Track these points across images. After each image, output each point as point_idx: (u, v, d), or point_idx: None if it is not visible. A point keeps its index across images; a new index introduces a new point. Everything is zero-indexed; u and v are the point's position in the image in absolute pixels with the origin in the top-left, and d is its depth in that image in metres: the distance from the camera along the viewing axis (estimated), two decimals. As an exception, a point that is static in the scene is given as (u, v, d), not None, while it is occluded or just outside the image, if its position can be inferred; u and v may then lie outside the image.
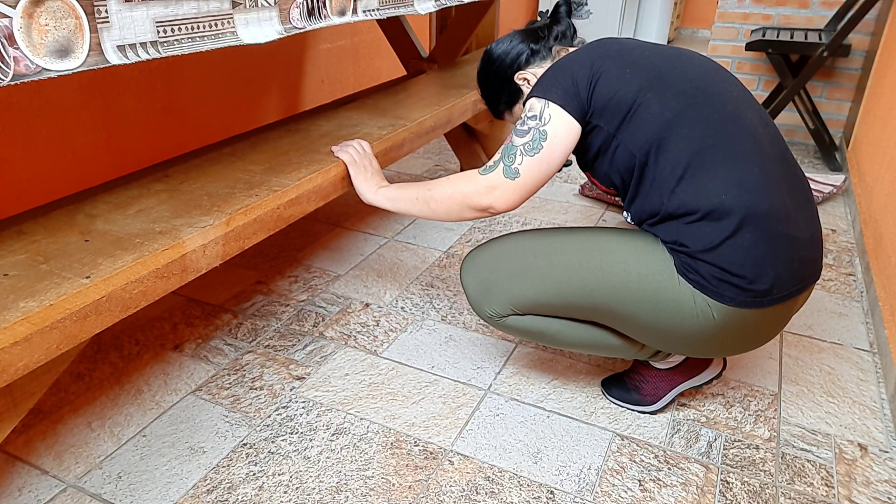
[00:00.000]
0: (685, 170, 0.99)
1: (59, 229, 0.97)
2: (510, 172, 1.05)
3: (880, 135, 2.07)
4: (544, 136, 1.04)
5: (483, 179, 1.07)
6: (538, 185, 1.07)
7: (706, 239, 0.97)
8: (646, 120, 1.01)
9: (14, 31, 0.68)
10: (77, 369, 1.38)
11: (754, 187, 0.97)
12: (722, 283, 0.98)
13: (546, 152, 1.04)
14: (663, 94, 1.01)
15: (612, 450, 1.19)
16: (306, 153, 1.30)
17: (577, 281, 1.07)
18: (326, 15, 1.11)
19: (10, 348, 0.73)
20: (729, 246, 0.96)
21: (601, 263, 1.06)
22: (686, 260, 1.00)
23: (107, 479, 1.11)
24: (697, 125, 0.99)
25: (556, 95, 1.04)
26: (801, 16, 2.87)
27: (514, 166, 1.05)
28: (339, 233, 2.02)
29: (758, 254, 0.97)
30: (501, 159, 1.06)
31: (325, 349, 1.45)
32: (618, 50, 1.06)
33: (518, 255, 1.13)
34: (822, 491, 1.11)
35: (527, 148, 1.04)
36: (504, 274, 1.13)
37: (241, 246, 1.04)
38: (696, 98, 1.00)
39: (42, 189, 1.52)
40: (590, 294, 1.07)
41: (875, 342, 1.52)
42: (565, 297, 1.09)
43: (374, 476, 1.12)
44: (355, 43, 2.56)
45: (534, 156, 1.04)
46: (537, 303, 1.11)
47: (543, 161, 1.04)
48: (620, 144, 1.04)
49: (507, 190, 1.06)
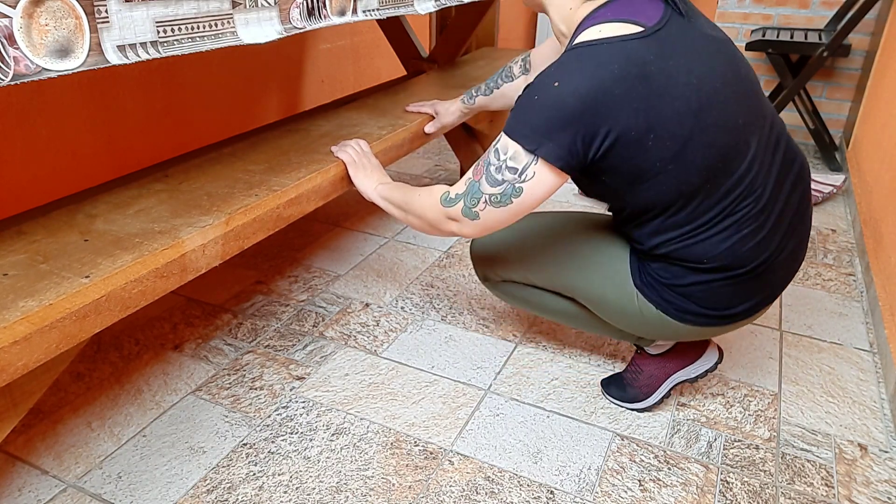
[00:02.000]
0: (681, 234, 0.97)
1: (59, 229, 0.97)
2: (469, 213, 0.99)
3: (880, 135, 2.07)
4: (518, 192, 0.93)
5: (444, 210, 1.02)
6: (500, 227, 1.01)
7: (676, 276, 1.01)
8: (658, 190, 0.92)
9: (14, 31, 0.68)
10: (77, 369, 1.38)
11: (747, 253, 0.97)
12: (686, 314, 1.04)
13: (514, 206, 0.95)
14: (684, 169, 0.90)
15: (612, 450, 1.19)
16: (306, 153, 1.30)
17: (560, 280, 1.17)
18: (326, 15, 1.11)
19: (10, 348, 0.73)
20: (701, 286, 1.00)
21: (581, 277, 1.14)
22: (648, 279, 1.05)
23: (107, 479, 1.11)
24: (712, 197, 0.94)
25: (549, 150, 0.88)
26: (801, 16, 2.87)
27: (474, 209, 0.98)
28: (339, 233, 2.02)
29: (728, 293, 1.00)
30: (463, 196, 0.98)
31: (325, 349, 1.45)
32: (646, 97, 0.85)
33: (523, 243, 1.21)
34: (822, 491, 1.11)
35: (493, 199, 0.95)
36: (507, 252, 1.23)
37: (240, 246, 1.04)
38: (716, 171, 0.91)
39: (42, 189, 1.52)
40: (571, 291, 1.18)
41: (875, 342, 1.52)
42: (555, 286, 1.20)
43: (374, 476, 1.12)
44: (355, 43, 2.56)
45: (498, 208, 0.96)
46: (528, 282, 1.24)
47: (509, 212, 0.97)
48: (621, 198, 0.98)
49: (467, 225, 1.01)
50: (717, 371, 1.40)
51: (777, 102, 2.68)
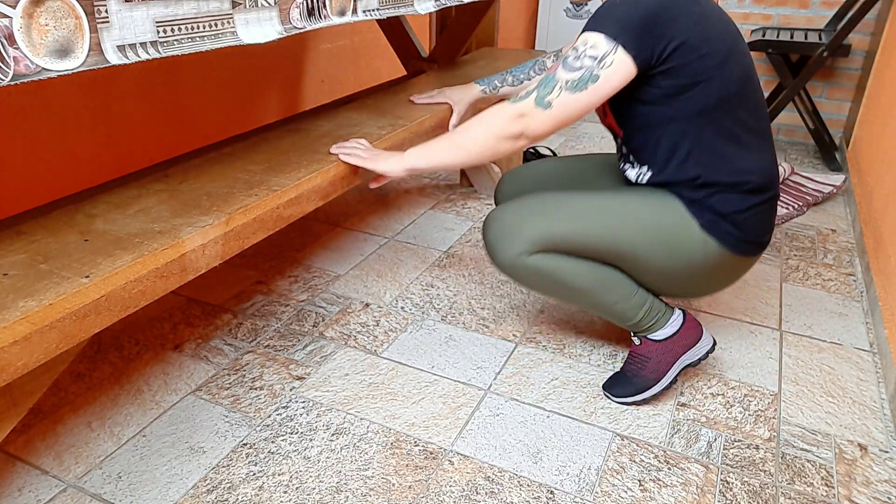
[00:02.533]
0: (725, 146, 1.10)
1: (59, 229, 0.97)
2: (542, 103, 1.05)
3: (880, 135, 2.07)
4: (595, 79, 1.02)
5: (512, 108, 1.07)
6: (570, 121, 1.07)
7: (733, 205, 1.12)
8: (712, 92, 1.06)
9: (14, 31, 0.68)
10: (77, 369, 1.38)
11: (771, 167, 1.14)
12: (738, 239, 1.14)
13: (589, 93, 1.03)
14: (726, 78, 1.06)
15: (612, 450, 1.19)
16: (306, 153, 1.29)
17: (599, 225, 1.16)
18: (326, 15, 1.11)
19: (10, 348, 0.73)
20: (750, 212, 1.13)
21: (623, 209, 1.16)
22: (710, 216, 1.13)
23: (107, 479, 1.11)
24: (744, 109, 1.10)
25: (629, 39, 1.00)
26: (801, 16, 2.87)
27: (547, 98, 1.04)
28: (339, 233, 2.02)
29: (764, 219, 1.16)
30: (536, 88, 1.06)
31: (325, 349, 1.45)
32: (699, 16, 1.04)
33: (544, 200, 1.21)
34: (822, 491, 1.11)
35: (569, 84, 1.03)
36: (529, 214, 1.18)
37: (240, 245, 1.04)
38: (746, 85, 1.08)
39: (42, 189, 1.52)
40: (629, 246, 1.16)
41: (875, 342, 1.52)
42: (608, 246, 1.17)
43: (374, 476, 1.12)
44: (355, 43, 2.56)
45: (574, 93, 1.03)
46: (558, 237, 1.16)
47: (583, 100, 1.04)
48: (672, 105, 1.08)
49: (537, 118, 1.06)
50: (718, 371, 1.40)
51: (777, 102, 2.68)
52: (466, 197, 2.32)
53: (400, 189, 2.38)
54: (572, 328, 1.54)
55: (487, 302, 1.65)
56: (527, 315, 1.59)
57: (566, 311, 1.61)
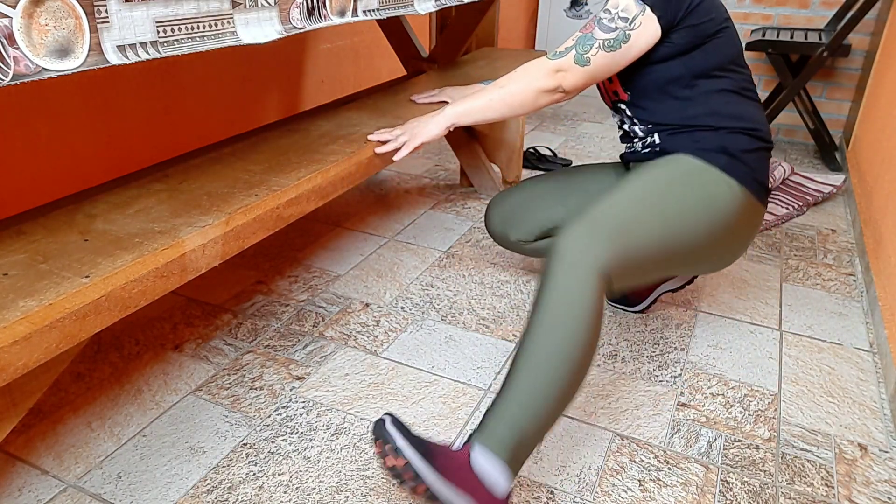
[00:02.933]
0: (736, 93, 1.21)
1: (59, 229, 0.97)
2: (581, 60, 1.16)
3: (880, 135, 2.07)
4: (627, 38, 1.14)
5: (552, 63, 1.18)
6: (603, 77, 1.19)
7: (745, 145, 1.19)
8: (715, 51, 1.18)
9: (14, 31, 0.68)
10: (77, 369, 1.38)
11: (766, 124, 1.24)
12: (752, 178, 1.19)
13: (622, 52, 1.15)
14: (728, 41, 1.19)
15: (612, 450, 1.19)
16: (306, 153, 1.30)
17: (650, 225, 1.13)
18: (326, 15, 1.11)
19: (10, 348, 0.73)
20: (757, 154, 1.21)
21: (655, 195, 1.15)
22: (726, 159, 1.18)
23: (107, 479, 1.11)
24: (740, 74, 1.22)
25: (656, 1, 1.12)
26: (801, 16, 2.87)
27: (587, 55, 1.16)
28: (339, 233, 2.02)
29: (767, 166, 1.24)
30: (575, 46, 1.16)
31: (325, 349, 1.45)
32: None
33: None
34: (822, 491, 1.11)
35: (606, 44, 1.15)
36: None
37: (240, 245, 1.04)
38: (739, 55, 1.23)
39: (42, 189, 1.52)
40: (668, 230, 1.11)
41: (875, 342, 1.52)
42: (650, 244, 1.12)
43: (374, 476, 1.12)
44: (355, 43, 2.56)
45: (609, 52, 1.15)
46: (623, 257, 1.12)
47: (616, 57, 1.16)
48: (685, 59, 1.18)
49: (575, 73, 1.17)
50: (718, 371, 1.40)
51: (777, 102, 2.68)
52: (466, 197, 2.32)
53: (400, 189, 2.38)
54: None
55: (487, 302, 1.65)
56: (527, 315, 1.59)
57: (566, 311, 1.61)
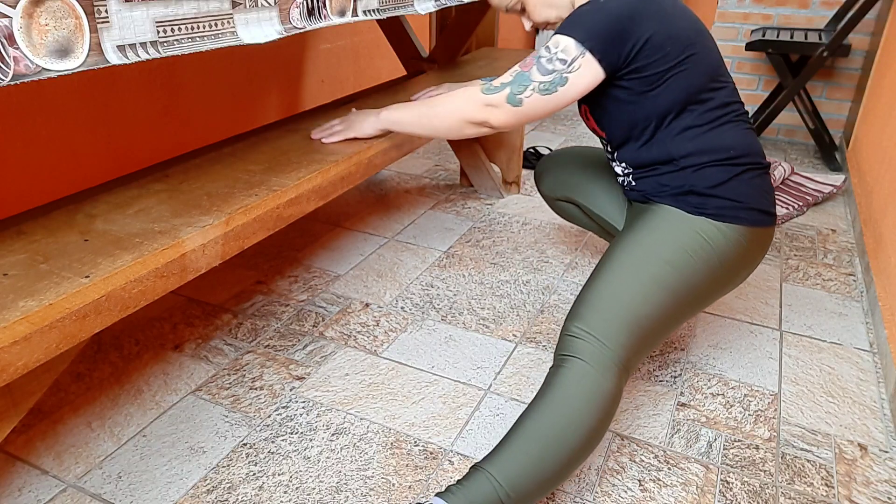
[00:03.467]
0: (701, 126, 1.11)
1: (59, 229, 0.97)
2: (514, 100, 1.10)
3: (880, 135, 2.07)
4: (564, 81, 1.07)
5: (484, 98, 1.13)
6: (535, 118, 1.13)
7: (715, 178, 1.10)
8: (674, 89, 1.09)
9: (14, 31, 0.68)
10: (77, 369, 1.38)
11: (745, 139, 1.14)
12: (734, 209, 1.10)
13: (558, 95, 1.09)
14: (694, 70, 1.09)
15: (612, 450, 1.19)
16: (306, 153, 1.30)
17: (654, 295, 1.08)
18: (326, 15, 1.11)
19: (10, 348, 0.73)
20: (736, 181, 1.11)
21: (652, 265, 1.09)
22: (697, 200, 1.10)
23: (107, 479, 1.11)
24: (718, 95, 1.12)
25: (596, 44, 1.05)
26: (801, 16, 2.87)
27: (519, 96, 1.10)
28: (339, 233, 2.02)
29: (759, 185, 1.13)
30: (510, 84, 1.10)
31: (325, 349, 1.45)
32: (661, 14, 1.08)
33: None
34: (822, 491, 1.11)
35: (541, 87, 1.08)
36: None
37: (240, 246, 1.04)
38: (715, 74, 1.12)
39: (42, 189, 1.52)
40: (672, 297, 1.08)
41: (875, 342, 1.52)
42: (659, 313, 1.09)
43: (374, 476, 1.12)
44: (355, 43, 2.56)
45: (543, 95, 1.09)
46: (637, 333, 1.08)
47: (552, 101, 1.10)
48: (643, 103, 1.11)
49: (506, 112, 1.12)
50: (718, 371, 1.40)
51: (777, 102, 2.68)
52: (466, 197, 2.32)
53: (400, 189, 2.38)
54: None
55: (487, 302, 1.65)
56: (527, 315, 1.59)
57: (566, 311, 1.61)
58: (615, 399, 0.99)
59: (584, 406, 0.96)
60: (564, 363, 1.00)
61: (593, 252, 1.92)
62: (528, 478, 0.94)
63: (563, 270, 1.81)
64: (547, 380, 1.01)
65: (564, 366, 1.00)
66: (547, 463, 0.94)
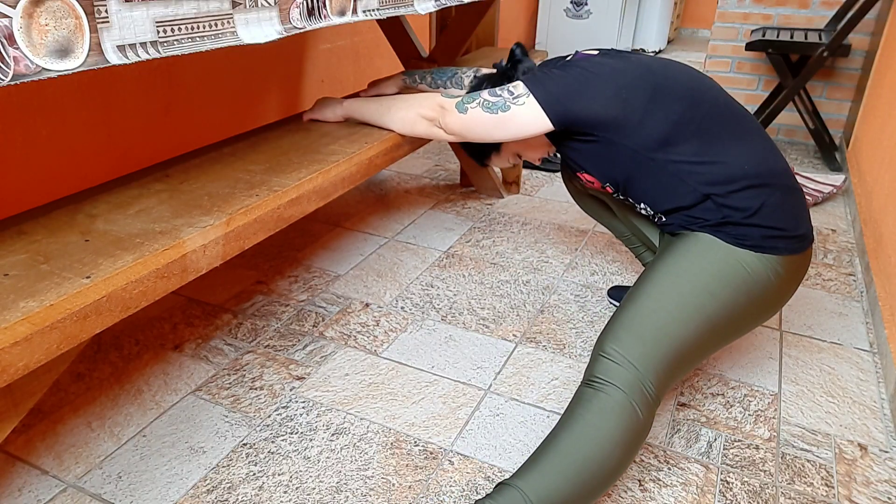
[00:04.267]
0: (702, 156, 1.08)
1: (60, 229, 0.97)
2: (462, 108, 1.19)
3: (880, 135, 2.07)
4: (507, 108, 1.13)
5: (440, 100, 1.24)
6: (476, 136, 1.20)
7: (747, 204, 1.07)
8: (652, 126, 1.08)
9: (14, 31, 0.68)
10: (77, 369, 1.38)
11: (764, 155, 1.10)
12: (772, 239, 1.07)
13: (499, 118, 1.14)
14: (664, 101, 1.08)
15: (612, 450, 1.19)
16: (306, 153, 1.29)
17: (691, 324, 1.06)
18: (326, 15, 1.11)
19: (11, 348, 0.73)
20: (768, 207, 1.07)
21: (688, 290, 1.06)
22: (736, 231, 1.08)
23: (107, 479, 1.11)
24: (703, 119, 1.09)
25: (541, 94, 1.11)
26: (801, 16, 2.87)
27: (467, 105, 1.18)
28: (339, 233, 2.02)
29: (788, 207, 1.09)
30: (463, 96, 1.21)
31: (325, 349, 1.45)
32: (614, 76, 1.10)
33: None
34: (822, 491, 1.11)
35: (486, 104, 1.15)
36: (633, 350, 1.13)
37: (241, 246, 1.04)
38: (693, 98, 1.09)
39: (42, 189, 1.52)
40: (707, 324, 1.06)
41: (875, 342, 1.52)
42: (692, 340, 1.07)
43: (374, 476, 1.12)
44: (355, 43, 2.56)
45: (486, 112, 1.15)
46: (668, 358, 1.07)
47: (489, 122, 1.15)
48: (627, 149, 1.10)
49: (453, 116, 1.20)
50: (718, 371, 1.40)
51: (777, 102, 2.68)
52: (466, 197, 2.32)
53: (400, 189, 2.38)
54: (572, 328, 1.54)
55: (487, 302, 1.65)
56: (527, 315, 1.59)
57: (566, 311, 1.61)
58: (647, 432, 0.99)
59: (620, 438, 0.96)
60: (603, 389, 0.99)
61: (593, 252, 1.92)
62: (560, 501, 0.93)
63: (563, 270, 1.81)
64: (581, 400, 0.99)
65: (603, 391, 0.98)
66: (578, 488, 0.94)
